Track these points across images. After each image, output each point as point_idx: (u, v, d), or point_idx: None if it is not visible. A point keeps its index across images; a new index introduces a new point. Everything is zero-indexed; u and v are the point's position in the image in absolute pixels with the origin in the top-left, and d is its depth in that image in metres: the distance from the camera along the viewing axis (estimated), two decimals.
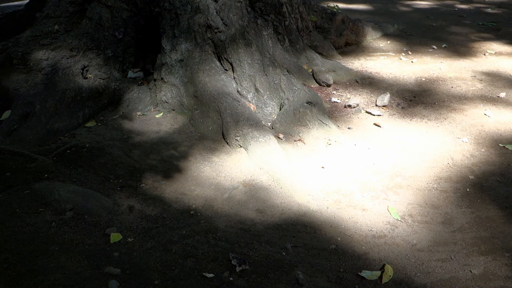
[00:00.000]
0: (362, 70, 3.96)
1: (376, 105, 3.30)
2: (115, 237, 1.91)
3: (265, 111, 3.07)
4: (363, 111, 3.20)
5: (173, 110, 3.05)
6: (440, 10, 6.53)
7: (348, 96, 3.45)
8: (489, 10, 6.58)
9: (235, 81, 3.12)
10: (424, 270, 1.82)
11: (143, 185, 2.32)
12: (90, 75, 3.02)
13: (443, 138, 2.86)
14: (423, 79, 3.78)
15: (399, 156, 2.64)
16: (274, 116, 3.03)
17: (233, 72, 3.14)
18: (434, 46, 4.64)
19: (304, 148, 2.71)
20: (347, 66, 4.00)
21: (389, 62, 4.19)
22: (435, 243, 1.98)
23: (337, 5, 6.27)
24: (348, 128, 2.96)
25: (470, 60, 4.29)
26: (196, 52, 3.05)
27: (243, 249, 1.89)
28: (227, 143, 2.70)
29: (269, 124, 2.95)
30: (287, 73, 3.22)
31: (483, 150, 2.72)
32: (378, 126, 2.99)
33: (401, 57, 4.33)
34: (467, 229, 2.06)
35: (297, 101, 2.97)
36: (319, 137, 2.81)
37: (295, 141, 2.76)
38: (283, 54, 3.48)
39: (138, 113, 3.04)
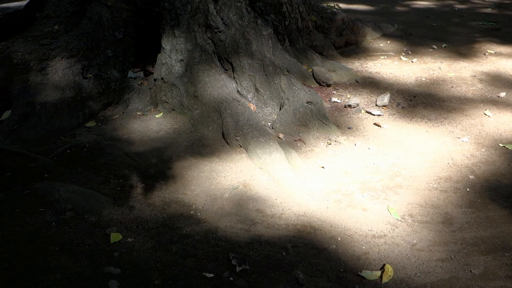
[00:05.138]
0: (362, 70, 3.96)
1: (376, 105, 3.30)
2: (115, 237, 1.91)
3: (265, 111, 3.07)
4: (363, 111, 3.20)
5: (173, 110, 3.05)
6: (440, 10, 6.53)
7: (348, 96, 3.45)
8: (489, 10, 6.58)
9: (235, 81, 3.12)
10: (424, 270, 1.82)
11: (143, 185, 2.32)
12: (90, 75, 3.02)
13: (443, 138, 2.86)
14: (423, 79, 3.78)
15: (399, 156, 2.64)
16: (274, 116, 3.03)
17: (233, 72, 3.14)
18: (434, 46, 4.64)
19: (304, 148, 2.71)
20: (347, 66, 4.00)
21: (389, 62, 4.19)
22: (435, 243, 1.98)
23: (337, 4, 6.27)
24: (348, 128, 2.96)
25: (470, 60, 4.29)
26: (196, 52, 3.05)
27: (243, 249, 1.89)
28: (227, 143, 2.70)
29: (269, 124, 2.95)
30: (287, 73, 3.22)
31: (483, 150, 2.72)
32: (378, 126, 2.99)
33: (401, 57, 4.33)
34: (467, 229, 2.07)
35: (297, 101, 2.97)
36: (319, 137, 2.81)
37: (295, 141, 2.76)
38: (283, 54, 3.48)
39: (138, 113, 3.04)
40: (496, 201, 2.26)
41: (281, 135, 2.79)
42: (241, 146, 2.65)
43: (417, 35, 5.08)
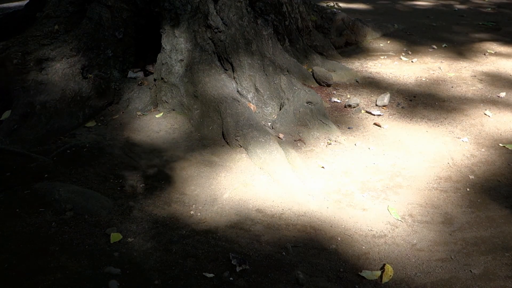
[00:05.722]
0: (362, 70, 3.96)
1: (376, 105, 3.30)
2: (115, 237, 1.91)
3: (265, 111, 3.07)
4: (363, 111, 3.20)
5: (173, 110, 3.05)
6: (440, 10, 6.53)
7: (348, 96, 3.45)
8: (489, 10, 6.58)
9: (235, 81, 3.12)
10: (424, 269, 1.82)
11: (143, 185, 2.32)
12: (90, 75, 3.02)
13: (443, 138, 2.86)
14: (423, 79, 3.78)
15: (399, 156, 2.64)
16: (274, 116, 3.03)
17: (233, 72, 3.14)
18: (434, 46, 4.64)
19: (304, 148, 2.71)
20: (347, 66, 4.00)
21: (389, 62, 4.19)
22: (435, 243, 1.98)
23: (337, 4, 6.28)
24: (348, 128, 2.96)
25: (470, 60, 4.29)
26: (196, 52, 3.05)
27: (243, 249, 1.89)
28: (227, 143, 2.70)
29: (269, 124, 2.95)
30: (287, 73, 3.22)
31: (483, 150, 2.72)
32: (378, 126, 2.99)
33: (401, 57, 4.33)
34: (467, 229, 2.07)
35: (297, 101, 2.97)
36: (319, 137, 2.81)
37: (295, 141, 2.76)
38: (283, 54, 3.48)
39: (138, 113, 3.04)
40: (496, 201, 2.26)
41: (281, 135, 2.79)
42: (241, 146, 2.65)
43: (417, 35, 5.08)
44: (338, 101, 3.35)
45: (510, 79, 3.82)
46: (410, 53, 4.45)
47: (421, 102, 3.36)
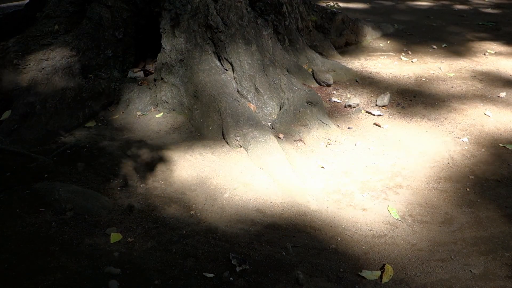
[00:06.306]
0: (362, 70, 3.96)
1: (376, 105, 3.30)
2: (115, 237, 1.91)
3: (265, 111, 3.07)
4: (363, 111, 3.20)
5: (173, 110, 3.05)
6: (440, 10, 6.53)
7: (348, 96, 3.45)
8: (489, 10, 6.58)
9: (235, 81, 3.12)
10: (424, 270, 1.82)
11: (143, 185, 2.32)
12: (90, 75, 3.03)
13: (443, 138, 2.86)
14: (423, 79, 3.78)
15: (399, 156, 2.64)
16: (274, 116, 3.03)
17: (233, 72, 3.14)
18: (434, 46, 4.64)
19: (304, 148, 2.71)
20: (347, 66, 4.00)
21: (389, 62, 4.19)
22: (435, 243, 1.98)
23: (337, 3, 6.27)
24: (348, 128, 2.96)
25: (470, 60, 4.29)
26: (196, 52, 3.05)
27: (243, 249, 1.89)
28: (227, 143, 2.70)
29: (269, 124, 2.95)
30: (287, 73, 3.22)
31: (483, 150, 2.72)
32: (378, 126, 2.99)
33: (401, 57, 4.33)
34: (467, 229, 2.07)
35: (297, 101, 2.97)
36: (319, 137, 2.81)
37: (295, 141, 2.76)
38: (283, 54, 3.48)
39: (138, 113, 3.04)
40: (496, 201, 2.26)
41: (281, 135, 2.79)
42: (241, 146, 2.65)
43: (417, 35, 5.08)
44: (338, 101, 3.35)
45: (510, 79, 3.82)
46: (410, 53, 4.45)
47: (421, 102, 3.36)
